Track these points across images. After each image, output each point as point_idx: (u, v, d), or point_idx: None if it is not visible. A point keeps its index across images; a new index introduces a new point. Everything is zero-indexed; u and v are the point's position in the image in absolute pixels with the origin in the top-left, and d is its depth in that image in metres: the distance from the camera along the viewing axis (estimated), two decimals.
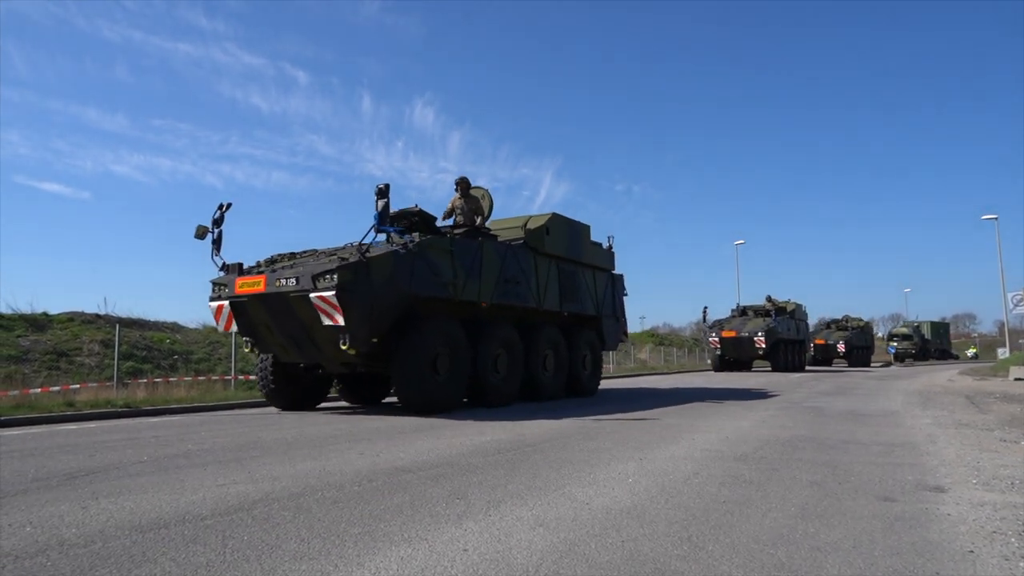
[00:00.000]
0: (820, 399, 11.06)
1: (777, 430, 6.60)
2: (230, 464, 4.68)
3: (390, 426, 7.15)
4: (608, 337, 13.31)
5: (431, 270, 8.42)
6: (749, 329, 25.64)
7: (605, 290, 13.16)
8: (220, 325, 8.63)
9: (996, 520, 3.08)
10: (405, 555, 2.54)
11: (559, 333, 11.27)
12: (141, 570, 2.37)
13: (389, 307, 7.95)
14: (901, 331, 49.82)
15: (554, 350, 11.11)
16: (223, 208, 8.52)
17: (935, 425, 7.05)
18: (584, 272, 12.32)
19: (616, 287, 13.75)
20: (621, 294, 14.05)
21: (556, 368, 11.15)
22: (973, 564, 2.46)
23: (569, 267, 11.72)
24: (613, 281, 13.62)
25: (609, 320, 13.31)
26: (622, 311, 14.03)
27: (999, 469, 4.39)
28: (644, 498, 3.51)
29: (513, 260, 10.10)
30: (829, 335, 36.28)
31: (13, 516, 3.15)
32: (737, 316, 28.03)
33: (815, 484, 3.91)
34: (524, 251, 10.54)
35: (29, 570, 2.37)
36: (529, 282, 10.45)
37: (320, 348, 8.29)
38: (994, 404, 9.73)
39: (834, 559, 2.51)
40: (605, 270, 13.26)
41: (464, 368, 8.93)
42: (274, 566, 2.41)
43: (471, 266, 9.14)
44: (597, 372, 12.88)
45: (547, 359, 10.89)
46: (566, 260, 11.63)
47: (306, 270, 7.70)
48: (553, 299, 11.13)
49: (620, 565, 2.42)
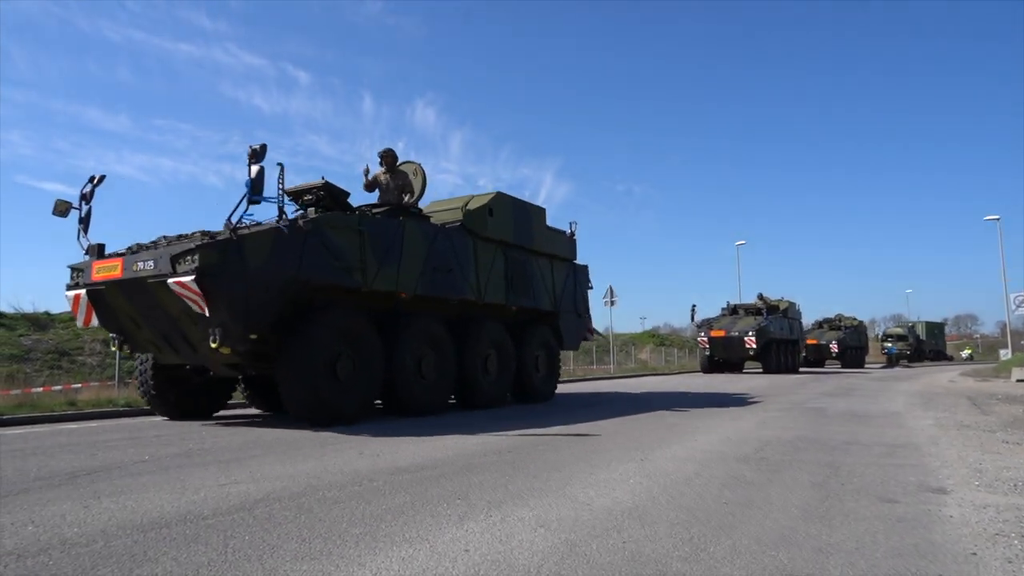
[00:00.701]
0: (821, 400, 11.04)
1: (779, 431, 6.59)
2: (231, 464, 4.68)
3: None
4: (567, 335, 11.91)
5: (330, 253, 7.09)
6: (739, 328, 24.33)
7: (565, 282, 11.77)
8: (79, 319, 7.23)
9: (999, 522, 3.07)
10: (406, 555, 2.54)
11: (504, 330, 9.94)
12: (143, 569, 2.37)
13: (270, 296, 6.55)
14: (896, 331, 48.16)
15: (498, 349, 9.78)
16: (95, 181, 7.21)
17: (937, 426, 7.03)
18: (538, 261, 10.94)
19: (578, 279, 12.35)
20: (584, 287, 12.67)
21: (500, 370, 9.80)
22: (976, 566, 2.46)
23: (519, 255, 10.33)
24: (575, 273, 12.21)
25: (569, 316, 11.92)
26: (585, 306, 12.65)
27: (1002, 471, 4.38)
28: (645, 499, 3.51)
29: (446, 245, 8.75)
30: (821, 335, 34.90)
31: (15, 515, 3.16)
32: (727, 315, 26.79)
33: (817, 485, 3.90)
34: (461, 235, 9.14)
35: (31, 569, 2.37)
36: (466, 271, 9.09)
37: (194, 347, 6.94)
38: (996, 405, 9.71)
39: (836, 560, 2.50)
40: (565, 260, 11.89)
41: (375, 371, 7.54)
42: (275, 566, 2.41)
43: (388, 250, 7.81)
44: (553, 375, 11.58)
45: (489, 360, 9.55)
46: (515, 247, 10.24)
47: (166, 251, 6.35)
48: (497, 291, 9.75)
49: (621, 566, 2.42)
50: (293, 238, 6.72)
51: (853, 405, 9.96)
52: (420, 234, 8.43)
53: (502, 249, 9.96)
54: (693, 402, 10.74)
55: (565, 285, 11.77)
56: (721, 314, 27.06)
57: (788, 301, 27.99)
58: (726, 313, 27.09)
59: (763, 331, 24.02)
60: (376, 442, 5.77)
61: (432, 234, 8.62)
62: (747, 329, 23.96)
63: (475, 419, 7.85)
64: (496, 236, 9.74)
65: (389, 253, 7.87)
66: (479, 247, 9.45)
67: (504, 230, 9.93)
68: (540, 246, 10.91)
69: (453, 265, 8.86)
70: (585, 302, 12.61)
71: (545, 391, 11.13)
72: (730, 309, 27.35)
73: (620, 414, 8.40)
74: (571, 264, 12.12)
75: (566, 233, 11.98)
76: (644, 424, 7.29)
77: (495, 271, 9.75)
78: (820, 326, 37.07)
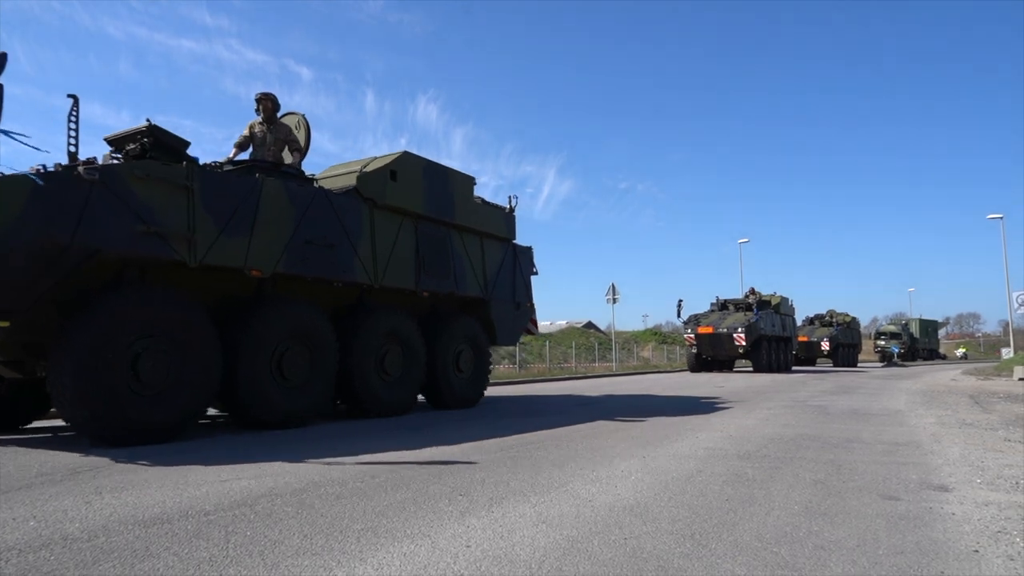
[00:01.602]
0: (822, 398, 11.03)
1: (780, 428, 6.58)
2: (233, 459, 4.68)
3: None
4: (502, 328, 10.14)
5: (134, 213, 5.40)
6: (728, 325, 22.98)
7: (500, 266, 10.05)
8: None
9: (1001, 520, 3.07)
10: (408, 551, 2.54)
11: (411, 321, 8.30)
12: (144, 565, 2.37)
13: (24, 269, 4.93)
14: (889, 328, 46.71)
15: (402, 345, 8.16)
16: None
17: (939, 424, 7.03)
18: (464, 239, 9.25)
19: (519, 263, 10.59)
20: (527, 273, 10.87)
21: (405, 370, 8.18)
22: (978, 564, 2.45)
23: (435, 230, 8.67)
24: (514, 255, 10.45)
25: (504, 305, 10.13)
26: (527, 294, 10.78)
27: (1004, 469, 4.37)
28: (647, 495, 3.51)
29: (325, 213, 7.09)
30: (812, 331, 33.70)
31: (17, 510, 3.16)
32: (716, 311, 25.30)
33: (819, 482, 3.90)
34: (352, 203, 7.50)
35: (33, 564, 2.38)
36: (356, 246, 7.43)
37: None
38: (998, 404, 9.70)
39: (838, 558, 2.50)
40: (502, 239, 10.13)
41: (207, 371, 5.84)
42: (277, 561, 2.41)
43: (234, 215, 6.15)
44: (481, 375, 9.74)
45: (387, 358, 7.92)
46: (429, 220, 8.56)
47: None
48: (403, 272, 8.11)
49: (623, 562, 2.42)
50: (67, 192, 5.05)
51: (855, 403, 9.95)
52: (286, 197, 6.68)
53: (412, 222, 8.28)
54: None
55: (500, 269, 10.05)
56: (710, 309, 25.74)
57: (780, 296, 26.93)
58: (715, 309, 25.76)
59: (753, 327, 22.84)
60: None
61: (305, 198, 6.90)
62: (736, 325, 22.76)
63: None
64: (401, 205, 8.02)
65: (237, 219, 6.16)
66: (377, 218, 7.75)
67: (412, 198, 8.19)
68: (466, 221, 9.17)
69: (338, 239, 7.19)
70: (527, 289, 10.81)
71: (468, 395, 9.39)
72: (719, 304, 25.99)
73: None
74: (509, 244, 10.34)
75: (503, 208, 10.20)
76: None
77: (401, 248, 8.09)
78: (811, 322, 35.74)
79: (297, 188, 6.94)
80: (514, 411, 8.83)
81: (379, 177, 7.81)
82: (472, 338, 9.53)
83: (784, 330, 26.02)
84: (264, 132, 7.60)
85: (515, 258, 10.47)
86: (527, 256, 10.91)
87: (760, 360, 23.56)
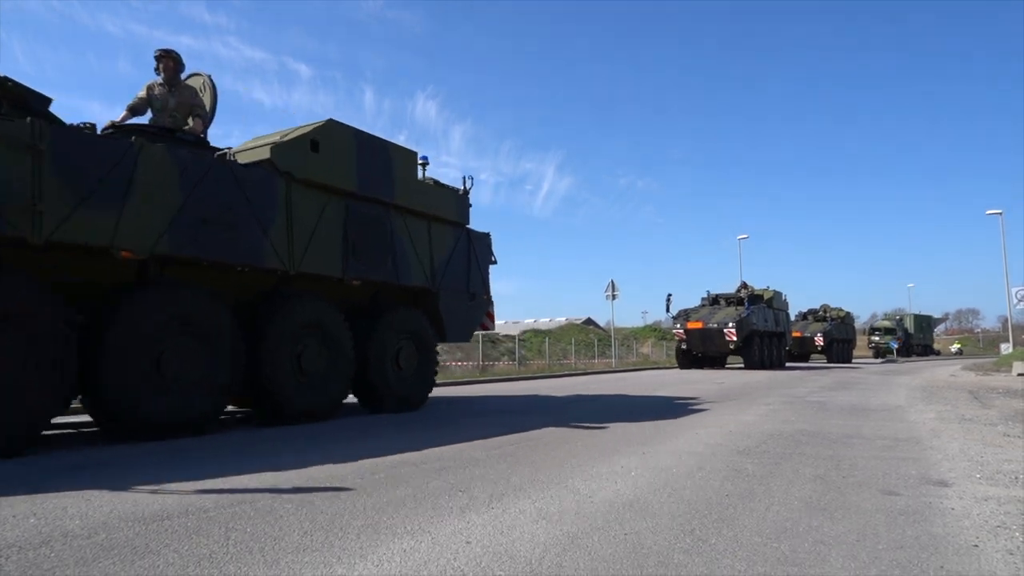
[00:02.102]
0: (821, 394, 11.04)
1: (780, 424, 6.59)
2: (233, 456, 4.69)
3: None
4: (452, 322, 9.10)
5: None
6: (718, 320, 22.11)
7: (451, 253, 9.02)
8: None
9: (1000, 514, 3.07)
10: (408, 547, 2.54)
11: (336, 312, 7.29)
12: (144, 561, 2.37)
13: None
14: (884, 324, 45.94)
15: (324, 339, 7.12)
16: None
17: (939, 420, 7.04)
18: (407, 222, 8.24)
19: (474, 251, 9.48)
20: (484, 262, 9.78)
21: (328, 368, 7.14)
22: (977, 558, 2.46)
23: (369, 210, 7.65)
24: (468, 242, 9.36)
25: (455, 297, 9.10)
26: (483, 285, 9.69)
27: (1003, 464, 4.38)
28: (647, 491, 3.51)
29: (226, 188, 6.08)
30: (806, 327, 32.84)
31: (17, 507, 3.16)
32: (707, 305, 24.35)
33: (818, 478, 3.90)
34: (263, 177, 6.48)
35: (33, 561, 2.38)
36: (267, 226, 6.42)
37: None
38: (997, 399, 9.71)
39: (838, 552, 2.50)
40: (453, 224, 9.10)
41: (58, 368, 4.88)
42: (277, 558, 2.41)
43: (100, 185, 5.18)
44: (426, 375, 8.69)
45: (304, 354, 6.85)
46: (362, 199, 7.53)
47: None
48: (327, 258, 7.11)
49: (623, 558, 2.42)
50: None
51: (854, 399, 9.96)
52: (172, 166, 5.69)
53: (340, 201, 7.29)
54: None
55: (451, 256, 9.01)
56: (700, 304, 24.73)
57: (773, 290, 26.00)
58: (706, 303, 24.73)
59: (744, 322, 21.91)
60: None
61: (199, 169, 5.88)
62: (727, 320, 21.91)
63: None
64: (326, 181, 7.05)
65: (104, 190, 5.22)
66: (296, 195, 6.76)
67: (340, 174, 7.21)
68: (409, 202, 8.20)
69: (243, 217, 6.20)
70: (483, 280, 9.70)
71: (410, 396, 8.33)
72: (710, 299, 24.92)
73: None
74: (462, 230, 9.28)
75: (456, 190, 9.18)
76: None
77: (325, 230, 7.09)
78: (804, 317, 34.73)
79: (188, 157, 5.87)
80: (515, 408, 8.83)
81: (297, 148, 6.80)
82: (415, 333, 8.52)
83: (777, 325, 25.21)
84: (164, 94, 6.67)
85: (469, 245, 9.38)
86: (484, 243, 9.80)
87: (752, 356, 22.66)
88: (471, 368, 19.78)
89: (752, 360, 22.60)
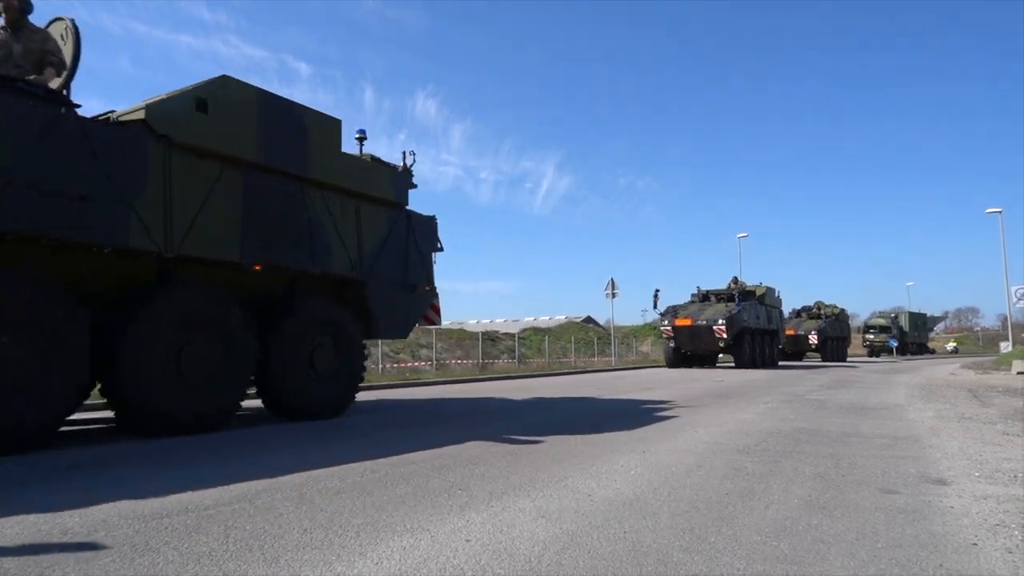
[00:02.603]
0: (820, 392, 11.05)
1: (779, 423, 6.59)
2: (233, 454, 4.69)
3: None
4: (386, 316, 7.99)
5: None
6: (708, 316, 21.33)
7: (386, 237, 7.93)
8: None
9: (999, 513, 3.07)
10: (408, 545, 2.54)
11: (227, 304, 6.26)
12: (144, 559, 2.37)
13: None
14: (878, 322, 44.87)
15: (213, 336, 6.09)
16: None
17: (938, 418, 7.04)
18: (327, 200, 7.17)
19: (414, 235, 8.37)
20: (426, 248, 8.63)
21: (219, 369, 6.09)
22: (976, 557, 2.46)
23: (276, 185, 6.60)
24: (408, 225, 8.26)
25: (388, 288, 7.97)
26: (426, 275, 8.58)
27: (1002, 462, 4.38)
28: (646, 490, 3.51)
29: (75, 150, 5.09)
30: (799, 324, 32.17)
31: (16, 505, 3.16)
32: (697, 301, 23.64)
33: (818, 476, 3.90)
34: (131, 139, 5.48)
35: (32, 559, 2.38)
36: (134, 198, 5.42)
37: None
38: (996, 398, 9.72)
39: (837, 551, 2.50)
40: (388, 204, 7.98)
41: None
42: (276, 555, 2.41)
43: None
44: (350, 375, 7.64)
45: (185, 353, 5.83)
46: (267, 171, 6.52)
47: None
48: (220, 239, 6.08)
49: (622, 556, 2.42)
50: None
51: (853, 398, 9.97)
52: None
53: (238, 172, 6.24)
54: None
55: (386, 241, 7.92)
56: (690, 300, 24.06)
57: (766, 287, 25.02)
58: (696, 300, 24.00)
59: (735, 319, 21.10)
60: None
61: (32, 124, 4.88)
62: (716, 317, 21.14)
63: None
64: (217, 147, 6.04)
65: None
66: (177, 163, 5.77)
67: (237, 139, 6.21)
68: (330, 176, 7.13)
69: (99, 187, 5.20)
70: (424, 269, 8.54)
71: (327, 402, 7.24)
72: (700, 295, 24.23)
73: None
74: (400, 212, 8.18)
75: (394, 167, 8.07)
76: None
77: (217, 206, 6.04)
78: (798, 315, 34.10)
79: (19, 107, 4.82)
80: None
81: (179, 107, 5.77)
82: (336, 329, 7.41)
83: (770, 323, 24.40)
84: (7, 40, 5.66)
85: (409, 229, 8.27)
86: (428, 228, 8.68)
87: (743, 354, 21.79)
88: (471, 366, 19.80)
89: (743, 359, 21.86)
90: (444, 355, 21.13)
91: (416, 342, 21.98)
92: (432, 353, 19.75)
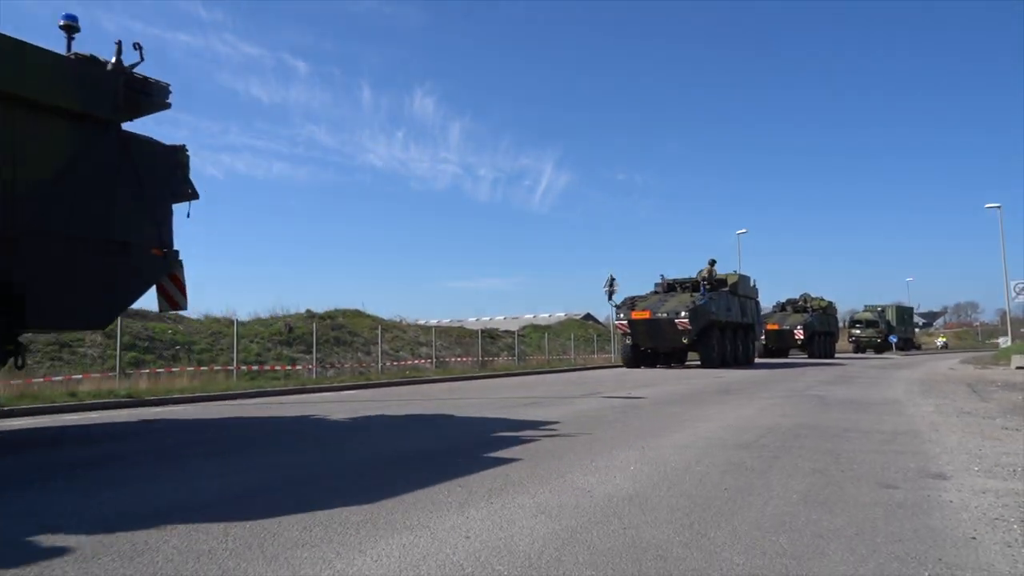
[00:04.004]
0: (819, 388, 11.05)
1: (779, 418, 6.60)
2: (233, 453, 4.69)
3: None
4: (57, 293, 5.31)
5: None
6: (669, 308, 18.31)
7: (64, 167, 5.30)
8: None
9: (998, 507, 3.08)
10: (407, 542, 2.54)
11: None
12: (144, 557, 2.37)
13: None
14: (865, 316, 42.28)
15: None
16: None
17: (937, 413, 7.05)
18: None
19: (133, 170, 5.79)
20: (161, 191, 6.10)
21: None
22: (975, 550, 2.46)
23: None
24: (121, 153, 5.71)
25: (69, 248, 5.33)
26: (156, 231, 6.01)
27: (1001, 457, 4.39)
28: (646, 486, 3.51)
29: None
30: (784, 319, 29.63)
31: (17, 504, 3.16)
32: (660, 292, 20.56)
33: (817, 472, 3.91)
34: None
35: (32, 559, 2.38)
36: None
37: None
38: (996, 392, 9.73)
39: (836, 545, 2.50)
40: (77, 117, 5.39)
41: None
42: (276, 553, 2.41)
43: None
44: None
45: None
46: None
47: None
48: None
49: (622, 551, 2.42)
50: None
51: (852, 393, 9.97)
52: None
53: None
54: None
55: (66, 173, 5.32)
56: (652, 291, 20.98)
57: (739, 274, 22.09)
58: (659, 290, 20.84)
59: (699, 311, 18.09)
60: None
61: None
62: (679, 308, 18.14)
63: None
64: None
65: None
66: None
67: None
68: None
69: None
70: (153, 222, 6.00)
71: None
72: (664, 285, 20.99)
73: None
74: (102, 130, 5.62)
75: (100, 61, 5.67)
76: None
77: None
78: (783, 308, 31.80)
79: None
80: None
81: None
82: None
83: (744, 315, 21.30)
84: None
85: (123, 159, 5.74)
86: (164, 161, 6.13)
87: (710, 352, 18.83)
88: (471, 364, 19.79)
89: (711, 356, 18.87)
90: (443, 352, 21.11)
91: (416, 340, 21.98)
92: (432, 351, 19.76)
